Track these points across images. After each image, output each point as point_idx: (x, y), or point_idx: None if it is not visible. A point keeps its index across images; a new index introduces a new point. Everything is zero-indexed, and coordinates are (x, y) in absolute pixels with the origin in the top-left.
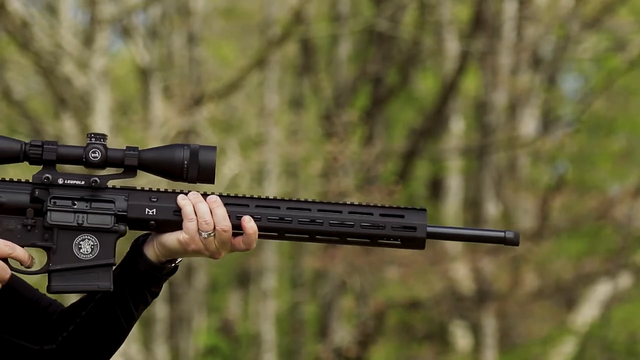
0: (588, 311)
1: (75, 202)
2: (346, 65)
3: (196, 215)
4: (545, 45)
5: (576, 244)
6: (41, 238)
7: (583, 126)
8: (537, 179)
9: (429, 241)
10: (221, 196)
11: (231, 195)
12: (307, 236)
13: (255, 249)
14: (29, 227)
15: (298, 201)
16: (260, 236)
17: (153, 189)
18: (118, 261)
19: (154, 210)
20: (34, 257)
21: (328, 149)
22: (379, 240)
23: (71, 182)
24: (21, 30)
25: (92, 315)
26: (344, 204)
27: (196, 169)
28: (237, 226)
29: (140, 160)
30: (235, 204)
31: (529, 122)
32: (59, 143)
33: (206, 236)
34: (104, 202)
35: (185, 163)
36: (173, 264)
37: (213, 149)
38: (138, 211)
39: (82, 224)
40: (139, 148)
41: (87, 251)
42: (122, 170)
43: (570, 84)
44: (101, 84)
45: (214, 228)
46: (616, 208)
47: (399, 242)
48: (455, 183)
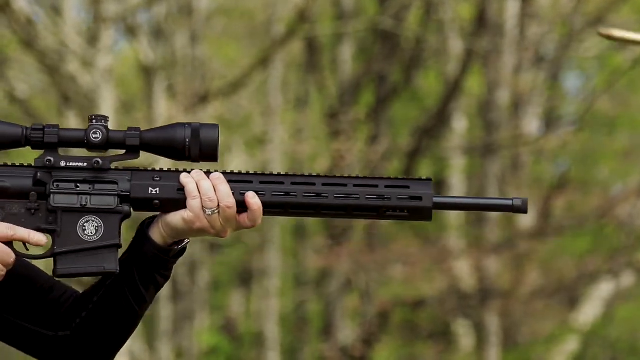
0: (591, 310)
1: (78, 184)
2: (350, 63)
3: (199, 192)
4: (547, 43)
5: (579, 243)
6: (45, 221)
7: (586, 124)
8: (540, 177)
9: (433, 239)
10: (224, 173)
11: (235, 172)
12: (313, 211)
13: (258, 248)
14: (33, 211)
15: (302, 176)
16: (265, 213)
17: (156, 169)
18: (125, 246)
19: (157, 189)
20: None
21: (335, 147)
22: (386, 212)
23: (73, 165)
24: (26, 28)
25: (104, 300)
26: (349, 177)
27: (198, 147)
28: (242, 203)
29: (142, 140)
30: (238, 181)
31: (532, 121)
32: (60, 126)
33: (210, 213)
34: (107, 184)
35: (187, 141)
36: (180, 246)
37: (215, 127)
38: (141, 191)
39: (86, 206)
40: (141, 129)
41: (92, 233)
42: (125, 151)
43: (572, 83)
44: (106, 83)
45: (218, 205)
46: (619, 206)
47: (406, 213)
48: (457, 182)
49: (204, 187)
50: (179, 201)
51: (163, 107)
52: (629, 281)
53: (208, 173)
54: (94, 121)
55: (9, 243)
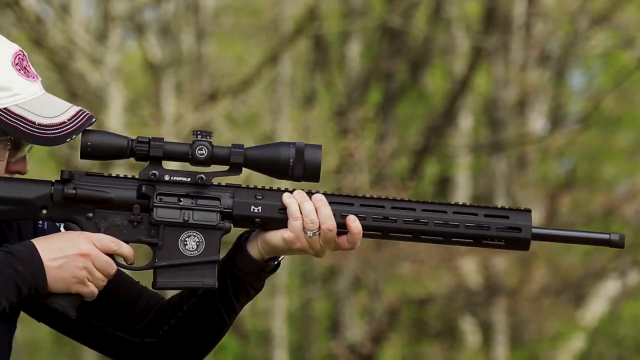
0: (597, 307)
1: (181, 199)
2: (358, 61)
3: (301, 214)
4: (553, 41)
5: None
6: (147, 234)
7: (592, 122)
8: (546, 176)
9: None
10: (326, 195)
11: (336, 194)
12: (411, 236)
13: None
14: (136, 223)
15: (403, 201)
16: (364, 235)
17: (258, 187)
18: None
19: (260, 207)
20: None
21: (343, 145)
22: (484, 240)
23: (177, 179)
24: (35, 26)
25: (195, 309)
26: (449, 204)
27: (302, 167)
28: (342, 225)
29: (245, 157)
30: (340, 203)
31: (538, 119)
32: (165, 140)
33: (311, 235)
34: (210, 199)
35: (291, 161)
36: (275, 262)
37: (319, 148)
38: (243, 209)
39: (188, 221)
40: (244, 146)
41: (193, 248)
42: (228, 167)
43: (578, 80)
44: (114, 80)
45: (319, 227)
46: (625, 204)
47: (503, 243)
48: (463, 180)
49: (307, 209)
50: (280, 220)
51: (171, 105)
52: (635, 279)
53: (310, 193)
54: (199, 136)
55: (111, 255)
